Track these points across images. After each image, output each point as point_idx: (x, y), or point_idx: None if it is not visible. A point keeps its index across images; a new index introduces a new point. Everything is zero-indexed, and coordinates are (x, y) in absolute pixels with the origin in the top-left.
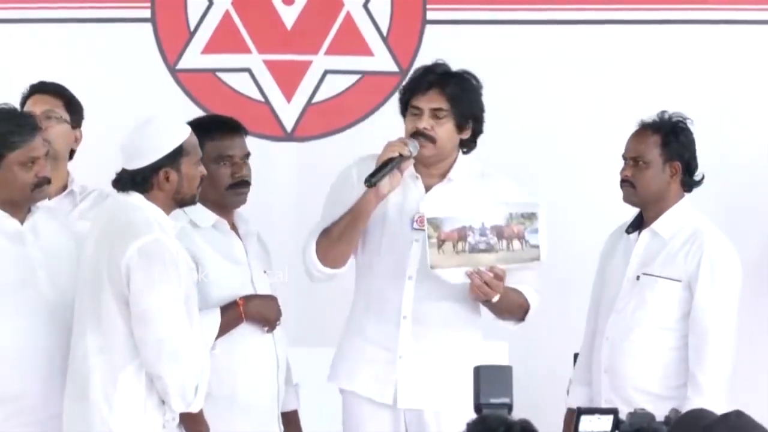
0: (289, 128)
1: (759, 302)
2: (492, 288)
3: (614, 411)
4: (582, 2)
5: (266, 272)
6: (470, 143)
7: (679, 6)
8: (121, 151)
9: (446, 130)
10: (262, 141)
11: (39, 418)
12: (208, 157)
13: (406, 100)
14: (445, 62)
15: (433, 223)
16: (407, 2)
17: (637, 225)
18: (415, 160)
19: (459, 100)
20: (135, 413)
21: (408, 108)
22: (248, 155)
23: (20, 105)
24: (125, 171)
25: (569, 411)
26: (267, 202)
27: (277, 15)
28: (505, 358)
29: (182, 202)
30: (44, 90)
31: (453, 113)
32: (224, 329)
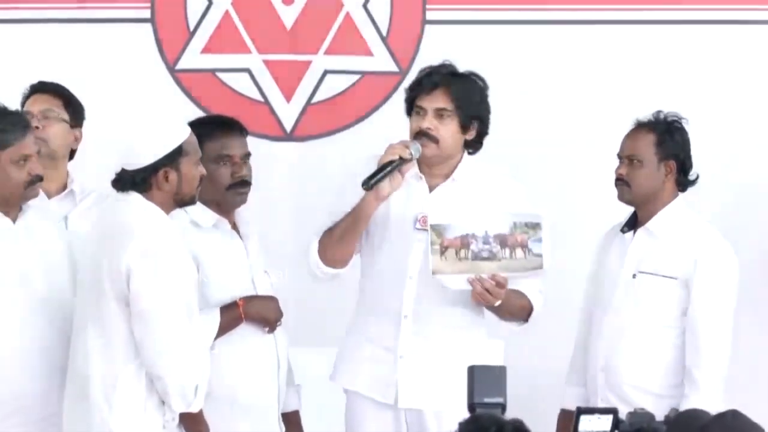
0: (289, 128)
1: (759, 302)
2: (493, 295)
3: (614, 411)
4: (582, 2)
5: (267, 272)
6: (476, 144)
7: (680, 6)
8: (121, 151)
9: (450, 131)
10: (262, 141)
11: (36, 418)
12: (208, 157)
13: (412, 100)
14: (452, 62)
15: (437, 230)
16: (407, 2)
17: (632, 224)
18: (419, 161)
19: (463, 101)
20: (135, 413)
21: (413, 108)
22: (249, 155)
23: (20, 105)
24: (125, 171)
25: (563, 411)
26: (266, 202)
27: (277, 15)
28: (501, 357)
29: (182, 202)
30: (44, 89)
31: (457, 114)
32: (224, 329)
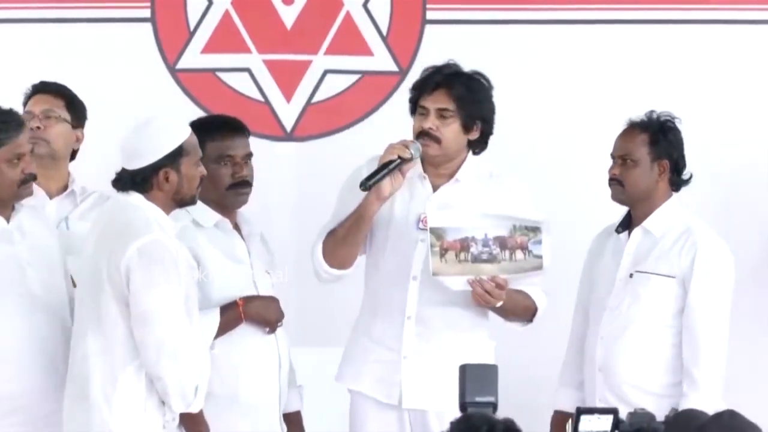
0: (289, 128)
1: (759, 302)
2: (494, 297)
3: (614, 411)
4: (582, 2)
5: (269, 273)
6: (480, 144)
7: (681, 6)
8: (121, 151)
9: (452, 131)
10: (262, 141)
11: (33, 417)
12: (209, 157)
13: (415, 100)
14: (456, 62)
15: (436, 233)
16: (407, 2)
17: (626, 225)
18: (423, 161)
19: (465, 101)
20: (135, 414)
21: (416, 107)
22: (250, 155)
23: (22, 105)
24: (125, 171)
25: (556, 413)
26: (267, 202)
27: (277, 15)
28: (492, 357)
29: (182, 202)
30: (45, 90)
31: (459, 114)
32: (223, 329)
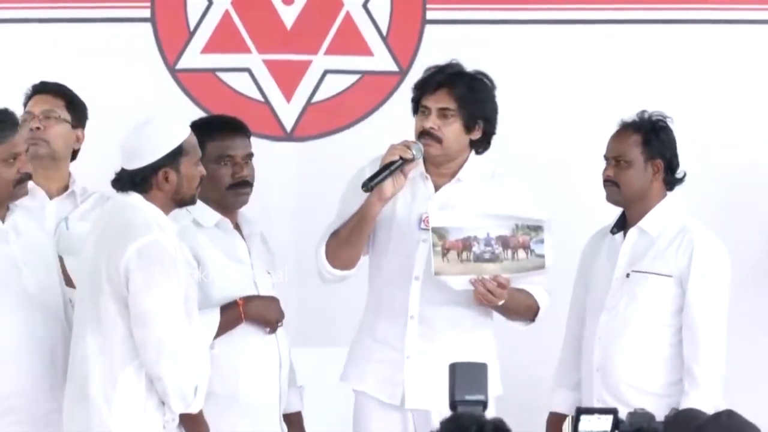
0: (289, 128)
1: (759, 302)
2: (496, 296)
3: (614, 411)
4: (582, 2)
5: (269, 273)
6: (483, 144)
7: (682, 6)
8: (121, 151)
9: (453, 131)
10: (262, 141)
11: (31, 417)
12: (209, 157)
13: (417, 99)
14: (459, 62)
15: (438, 232)
16: (407, 2)
17: (621, 225)
18: (425, 160)
19: (467, 101)
20: (135, 414)
21: (419, 107)
22: (251, 156)
23: (23, 105)
24: (124, 171)
25: (551, 414)
26: (267, 202)
27: (277, 15)
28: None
29: (181, 203)
30: (46, 90)
31: (460, 114)
32: (223, 329)
